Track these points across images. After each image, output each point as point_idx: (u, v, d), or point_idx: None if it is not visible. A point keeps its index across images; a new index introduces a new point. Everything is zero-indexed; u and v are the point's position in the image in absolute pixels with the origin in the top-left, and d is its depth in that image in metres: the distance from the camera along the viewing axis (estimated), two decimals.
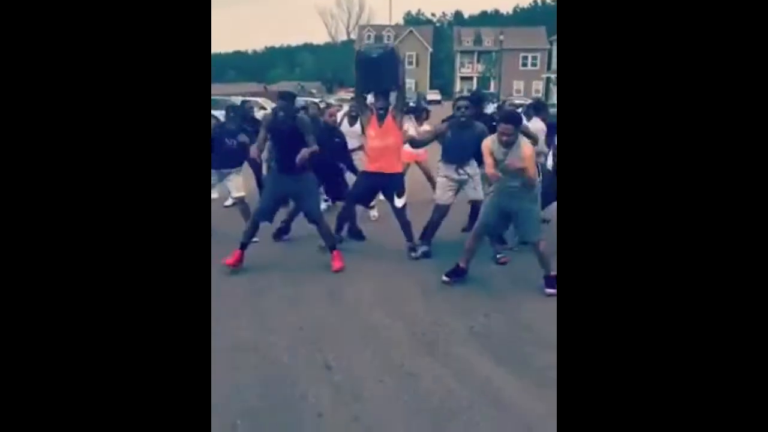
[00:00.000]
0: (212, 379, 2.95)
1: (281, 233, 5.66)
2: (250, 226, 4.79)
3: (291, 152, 4.46)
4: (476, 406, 2.74)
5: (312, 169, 4.76)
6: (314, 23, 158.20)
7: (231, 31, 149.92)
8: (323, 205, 6.08)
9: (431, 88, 57.81)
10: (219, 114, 8.29)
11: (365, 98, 5.14)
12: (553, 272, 4.13)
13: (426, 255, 5.10)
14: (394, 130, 4.90)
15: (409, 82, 60.75)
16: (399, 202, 5.01)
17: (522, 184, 4.09)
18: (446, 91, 57.28)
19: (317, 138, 4.65)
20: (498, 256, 4.99)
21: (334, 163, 5.74)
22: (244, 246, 4.73)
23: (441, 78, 67.12)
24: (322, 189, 5.84)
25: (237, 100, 18.12)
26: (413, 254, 5.09)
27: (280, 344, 3.42)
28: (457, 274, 4.46)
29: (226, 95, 25.60)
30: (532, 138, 4.62)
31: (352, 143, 6.19)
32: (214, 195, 6.07)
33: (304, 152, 4.39)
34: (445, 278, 4.46)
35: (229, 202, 6.56)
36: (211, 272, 4.59)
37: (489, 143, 4.21)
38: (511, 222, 4.46)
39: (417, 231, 5.25)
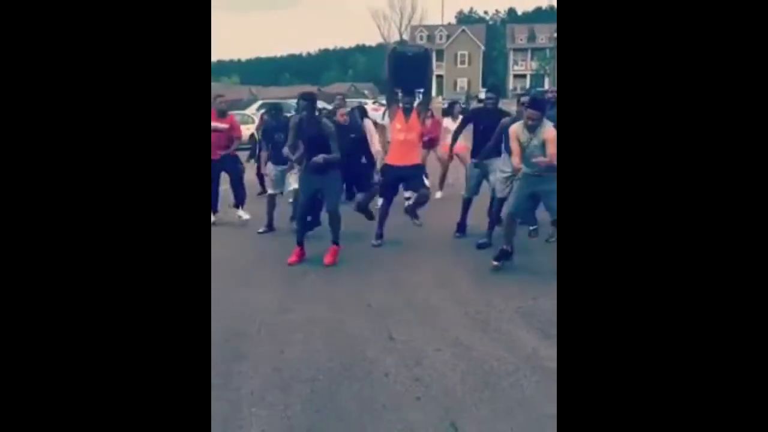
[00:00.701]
0: (290, 346, 3.47)
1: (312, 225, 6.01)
2: (298, 225, 5.25)
3: (316, 154, 4.86)
4: (521, 370, 3.13)
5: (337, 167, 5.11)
6: (367, 25, 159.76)
7: (286, 34, 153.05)
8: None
9: (484, 86, 57.54)
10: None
11: (396, 93, 5.47)
12: None
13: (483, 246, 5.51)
14: (417, 125, 5.30)
15: (462, 81, 60.74)
16: (410, 195, 5.52)
17: (547, 168, 4.42)
18: (500, 90, 56.73)
19: (323, 133, 4.93)
20: (531, 229, 5.51)
21: (354, 161, 6.06)
22: (300, 243, 5.20)
23: (494, 76, 66.62)
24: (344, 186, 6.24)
25: (292, 102, 18.77)
26: (376, 242, 5.60)
27: (349, 320, 3.90)
28: (505, 257, 4.85)
29: (281, 98, 26.44)
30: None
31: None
32: (275, 190, 6.52)
33: (319, 158, 4.80)
34: (494, 262, 4.86)
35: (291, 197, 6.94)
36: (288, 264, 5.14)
37: (516, 129, 4.59)
38: (539, 202, 4.86)
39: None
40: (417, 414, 2.73)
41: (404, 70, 5.30)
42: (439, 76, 62.06)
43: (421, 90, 5.40)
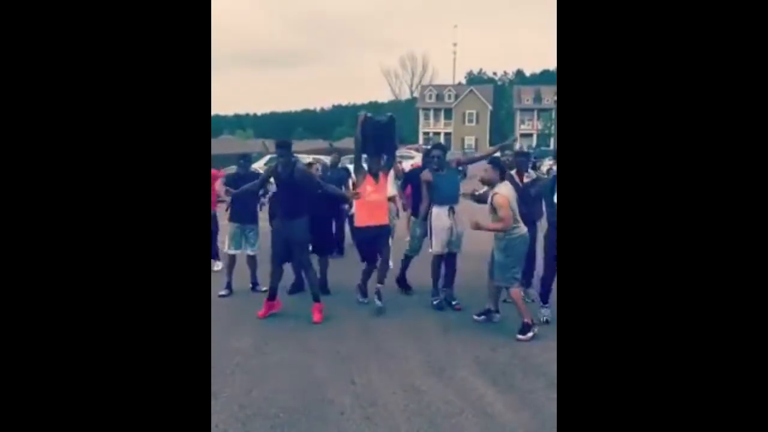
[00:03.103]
0: (259, 383, 3.78)
1: (296, 288, 6.12)
2: (274, 272, 5.32)
3: (288, 200, 5.19)
4: (466, 412, 3.43)
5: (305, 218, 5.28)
6: (379, 83, 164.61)
7: (301, 90, 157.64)
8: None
9: (491, 144, 58.65)
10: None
11: (363, 158, 5.71)
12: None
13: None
14: (385, 187, 5.70)
15: (470, 139, 62.00)
16: (385, 252, 5.70)
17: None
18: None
19: (296, 182, 5.16)
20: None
21: (323, 217, 6.10)
22: (273, 295, 5.36)
23: (501, 135, 67.98)
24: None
25: (305, 157, 19.04)
26: (378, 302, 5.49)
27: (316, 364, 4.23)
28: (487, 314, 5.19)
29: (294, 152, 27.02)
30: None
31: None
32: (234, 250, 6.21)
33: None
34: (476, 317, 5.21)
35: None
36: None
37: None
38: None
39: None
40: None
41: (375, 137, 5.64)
42: (447, 134, 63.49)
43: (385, 156, 5.69)
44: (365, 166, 5.68)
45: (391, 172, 5.95)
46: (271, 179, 5.43)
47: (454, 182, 5.65)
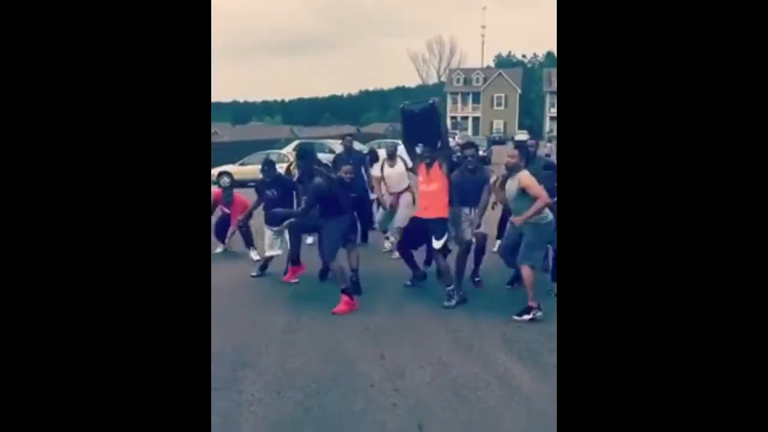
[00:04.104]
0: (292, 357, 3.95)
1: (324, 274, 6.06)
2: (292, 241, 5.84)
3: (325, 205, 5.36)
4: (491, 385, 3.54)
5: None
6: (407, 67, 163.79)
7: (327, 76, 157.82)
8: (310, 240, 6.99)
9: (520, 128, 58.05)
10: (324, 158, 9.08)
11: (414, 148, 5.63)
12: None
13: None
14: (439, 177, 5.35)
15: (498, 123, 61.42)
16: (436, 244, 5.32)
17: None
18: (536, 131, 57.23)
19: (333, 192, 5.29)
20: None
21: (347, 215, 5.88)
22: (295, 260, 5.86)
23: (531, 118, 67.16)
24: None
25: (333, 142, 19.19)
26: (446, 303, 5.20)
27: (347, 339, 4.38)
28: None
29: (322, 138, 27.33)
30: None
31: (398, 185, 7.03)
32: (273, 252, 6.38)
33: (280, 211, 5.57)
34: (516, 317, 4.93)
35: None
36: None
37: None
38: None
39: None
40: (390, 417, 3.17)
41: (416, 125, 5.50)
42: (476, 118, 62.95)
43: (437, 143, 5.49)
44: (418, 157, 5.52)
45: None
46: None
47: (478, 185, 5.58)
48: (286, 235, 6.11)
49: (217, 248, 7.56)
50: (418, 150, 5.55)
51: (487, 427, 3.07)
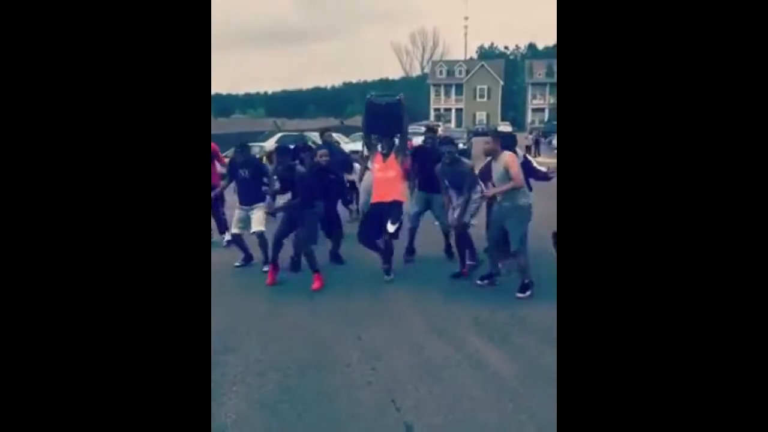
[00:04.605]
0: (273, 341, 4.11)
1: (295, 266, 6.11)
2: (275, 245, 5.69)
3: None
4: (462, 364, 3.74)
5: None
6: (389, 59, 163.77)
7: (310, 68, 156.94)
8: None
9: (503, 119, 58.42)
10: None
11: (371, 139, 6.00)
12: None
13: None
14: (395, 166, 5.76)
15: (481, 114, 61.74)
16: (390, 228, 5.59)
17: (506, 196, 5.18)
18: (518, 123, 57.66)
19: (311, 179, 5.60)
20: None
21: (328, 202, 6.17)
22: (274, 261, 5.68)
23: (513, 109, 67.64)
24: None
25: (316, 135, 19.30)
26: (386, 277, 5.68)
27: (326, 325, 4.56)
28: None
29: (305, 130, 27.28)
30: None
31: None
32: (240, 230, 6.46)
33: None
34: (479, 282, 5.52)
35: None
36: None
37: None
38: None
39: None
40: (365, 393, 3.35)
41: (380, 118, 5.78)
42: (459, 110, 63.21)
43: (397, 136, 5.82)
44: (376, 145, 5.84)
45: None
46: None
47: (460, 175, 5.80)
48: (253, 215, 6.22)
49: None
50: (374, 141, 5.80)
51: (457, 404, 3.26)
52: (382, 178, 5.74)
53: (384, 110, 5.78)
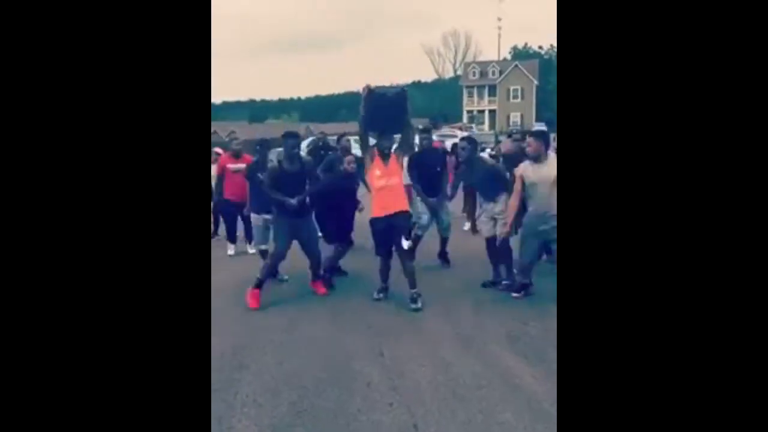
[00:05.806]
0: (290, 356, 3.88)
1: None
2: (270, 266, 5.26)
3: (294, 193, 5.02)
4: (492, 384, 3.43)
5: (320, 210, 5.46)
6: (422, 62, 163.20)
7: (343, 73, 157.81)
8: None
9: (537, 120, 57.33)
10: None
11: (368, 136, 5.07)
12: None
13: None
14: (397, 170, 4.99)
15: (515, 116, 60.80)
16: (406, 245, 4.94)
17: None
18: (554, 123, 56.52)
19: (331, 184, 5.27)
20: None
21: (342, 209, 5.78)
22: (260, 286, 5.10)
23: (549, 110, 66.34)
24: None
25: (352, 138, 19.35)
26: (413, 305, 4.89)
27: (347, 337, 4.30)
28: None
29: (338, 134, 27.31)
30: None
31: None
32: (263, 245, 6.14)
33: (293, 201, 4.96)
34: (515, 294, 5.20)
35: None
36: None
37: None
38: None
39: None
40: (386, 417, 3.08)
41: (381, 113, 4.88)
42: (492, 111, 62.41)
43: (396, 135, 5.10)
44: (373, 147, 5.08)
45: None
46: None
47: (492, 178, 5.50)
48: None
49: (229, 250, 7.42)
50: (372, 141, 5.07)
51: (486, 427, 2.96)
52: (386, 187, 4.97)
53: (387, 103, 4.89)
